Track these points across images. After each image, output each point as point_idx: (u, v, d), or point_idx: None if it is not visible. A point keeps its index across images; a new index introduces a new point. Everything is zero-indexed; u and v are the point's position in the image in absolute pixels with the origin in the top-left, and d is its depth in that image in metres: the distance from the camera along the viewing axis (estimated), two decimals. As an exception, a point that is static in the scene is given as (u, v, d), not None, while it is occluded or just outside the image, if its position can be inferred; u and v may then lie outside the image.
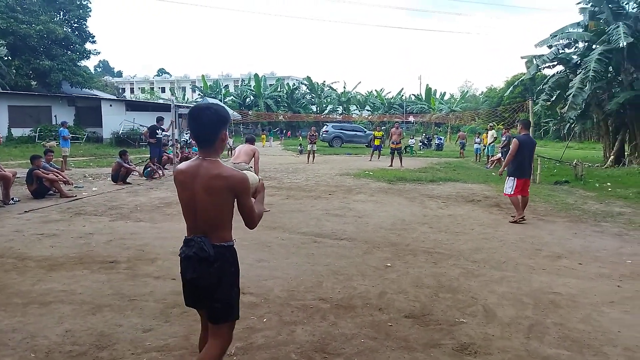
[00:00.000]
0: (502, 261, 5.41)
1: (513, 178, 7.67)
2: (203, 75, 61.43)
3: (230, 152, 23.49)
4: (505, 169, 8.00)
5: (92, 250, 5.56)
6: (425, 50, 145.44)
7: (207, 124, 2.37)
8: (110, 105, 29.92)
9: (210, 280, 2.35)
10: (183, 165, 2.48)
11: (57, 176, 9.62)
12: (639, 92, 15.19)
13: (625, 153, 17.39)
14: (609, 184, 12.53)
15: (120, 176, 11.69)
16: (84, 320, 3.64)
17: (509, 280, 4.74)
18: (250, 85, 58.83)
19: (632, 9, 16.70)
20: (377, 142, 21.51)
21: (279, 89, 58.57)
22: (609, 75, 17.27)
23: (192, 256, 2.35)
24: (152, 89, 78.51)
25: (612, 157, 17.56)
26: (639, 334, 3.50)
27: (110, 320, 3.63)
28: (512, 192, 7.69)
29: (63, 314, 3.74)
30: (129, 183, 11.75)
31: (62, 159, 14.32)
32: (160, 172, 13.39)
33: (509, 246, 6.11)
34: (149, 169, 13.05)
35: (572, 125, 35.26)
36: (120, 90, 76.44)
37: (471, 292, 4.36)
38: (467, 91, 68.50)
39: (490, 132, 20.17)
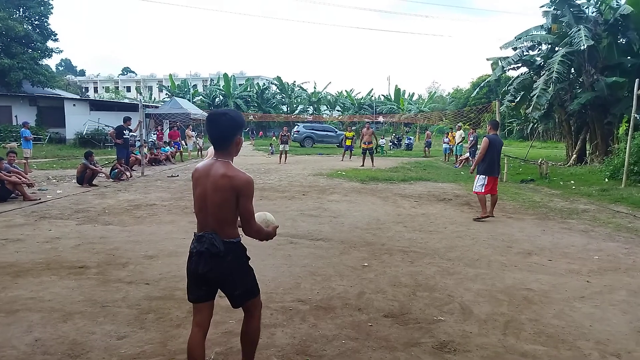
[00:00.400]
0: (475, 259, 5.51)
1: (484, 176, 7.87)
2: (170, 75, 60.31)
3: (199, 152, 23.20)
4: (475, 167, 8.15)
5: (59, 256, 5.35)
6: (394, 52, 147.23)
7: (224, 129, 2.54)
8: (74, 105, 28.97)
9: (222, 272, 2.53)
10: (200, 164, 2.64)
11: (20, 178, 9.24)
12: (599, 94, 15.76)
13: (587, 152, 18.02)
14: (572, 181, 12.97)
15: (86, 178, 11.33)
16: (55, 328, 3.49)
17: (483, 277, 4.83)
18: (219, 85, 58.10)
19: (592, 13, 17.33)
20: (348, 142, 21.60)
21: (248, 89, 58.08)
22: (571, 76, 17.86)
23: (204, 251, 2.48)
24: (117, 88, 76.53)
25: (574, 155, 18.18)
26: (609, 328, 3.62)
27: (82, 328, 3.50)
28: (483, 190, 7.88)
29: (32, 322, 3.58)
30: (95, 185, 11.40)
31: (24, 161, 13.79)
32: (128, 173, 13.06)
33: (482, 244, 6.23)
34: (116, 170, 12.70)
35: (536, 125, 36.50)
36: (84, 90, 74.24)
37: (447, 290, 4.42)
38: (435, 92, 69.71)
39: (458, 132, 20.58)
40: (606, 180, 12.80)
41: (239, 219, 2.58)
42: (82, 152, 13.68)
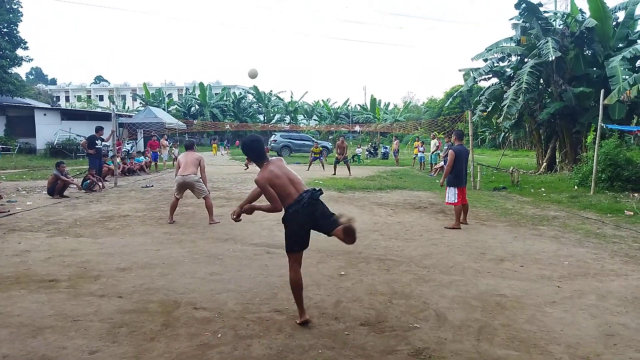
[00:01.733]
0: (450, 266, 5.59)
1: (454, 187, 8.01)
2: (145, 83, 59.56)
3: (174, 161, 22.87)
4: (445, 179, 8.27)
5: (29, 269, 5.20)
6: (370, 62, 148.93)
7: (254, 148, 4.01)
8: (45, 114, 28.28)
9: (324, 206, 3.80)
10: (266, 172, 3.81)
11: (-13, 190, 8.95)
12: (567, 103, 16.26)
13: (557, 160, 18.54)
14: (543, 189, 13.31)
15: (57, 189, 11.04)
16: (24, 344, 3.39)
17: (458, 284, 4.90)
18: (195, 94, 57.67)
19: (559, 25, 17.93)
20: (316, 155, 21.84)
21: (225, 98, 57.78)
22: (540, 87, 18.39)
23: (317, 197, 3.73)
24: (89, 97, 75.20)
25: (544, 164, 18.66)
26: (579, 332, 3.72)
27: (52, 343, 3.41)
28: (456, 201, 8.00)
29: (0, 338, 3.46)
30: (66, 196, 11.13)
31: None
32: (100, 184, 12.80)
33: (456, 251, 6.33)
34: (88, 181, 12.43)
35: (507, 134, 37.44)
36: (55, 99, 72.66)
37: (423, 297, 4.47)
38: (410, 102, 70.69)
39: (432, 141, 20.93)
40: (575, 187, 13.19)
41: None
42: (53, 162, 13.36)
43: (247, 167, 20.32)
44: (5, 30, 31.06)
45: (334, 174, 17.86)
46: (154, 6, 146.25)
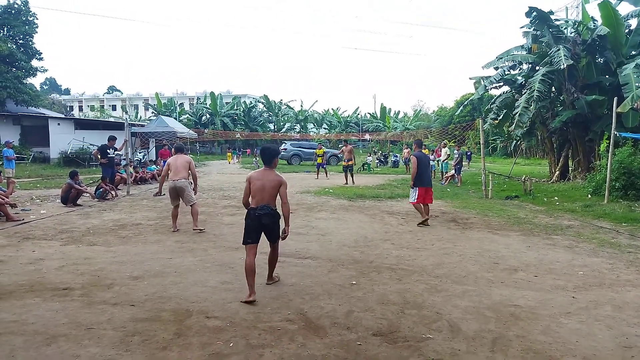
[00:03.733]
0: (462, 275, 5.54)
1: (415, 188, 8.99)
2: (157, 93, 60.26)
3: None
4: (413, 181, 9.12)
5: (43, 277, 5.26)
6: (379, 71, 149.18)
7: (270, 155, 4.98)
8: (58, 124, 28.70)
9: (272, 222, 4.78)
10: (254, 172, 4.97)
11: (3, 199, 9.08)
12: (580, 111, 16.12)
13: (570, 168, 18.35)
14: (556, 198, 13.16)
15: (70, 198, 11.17)
16: (38, 352, 3.42)
17: (471, 294, 4.85)
18: (206, 104, 58.23)
19: (571, 33, 17.83)
20: (319, 160, 21.20)
21: (235, 107, 58.23)
22: (552, 95, 18.26)
23: (267, 212, 4.72)
24: (102, 106, 76.17)
25: (557, 172, 18.47)
26: (595, 343, 3.66)
27: (66, 351, 3.43)
28: (415, 200, 8.99)
29: (14, 346, 3.50)
30: (79, 205, 11.25)
31: (6, 181, 13.57)
32: (113, 192, 12.92)
33: (468, 260, 6.27)
34: (101, 189, 12.56)
35: (519, 143, 37.13)
36: (69, 109, 73.69)
37: (436, 308, 4.43)
38: (420, 110, 70.65)
39: (443, 150, 20.83)
40: (589, 196, 13.03)
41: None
42: (66, 171, 13.53)
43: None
44: (21, 41, 31.73)
45: (346, 182, 17.70)
46: (166, 18, 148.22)
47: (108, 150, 13.48)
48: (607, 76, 16.83)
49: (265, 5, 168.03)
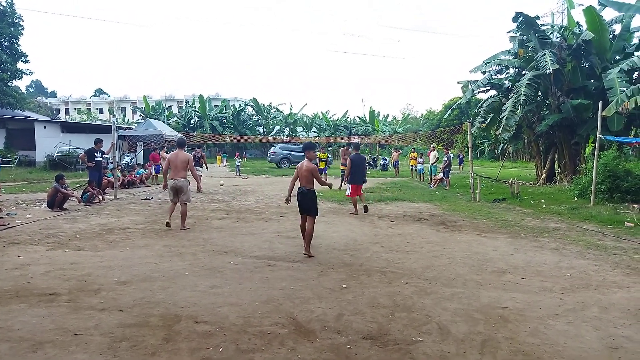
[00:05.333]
0: (451, 278, 5.57)
1: (349, 185, 10.99)
2: (145, 96, 59.86)
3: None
4: (347, 179, 11.13)
5: (29, 283, 5.18)
6: (368, 74, 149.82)
7: (304, 147, 7.25)
8: (44, 127, 28.37)
9: (309, 200, 6.72)
10: (300, 163, 6.89)
11: (-14, 203, 8.93)
12: (566, 115, 16.36)
13: (556, 171, 18.58)
14: (542, 200, 13.31)
15: (56, 202, 11.03)
16: (24, 358, 3.36)
17: (460, 296, 4.88)
18: (194, 107, 57.93)
19: (556, 38, 18.09)
20: (322, 165, 19.23)
21: (224, 111, 58.05)
22: (539, 99, 18.50)
23: (305, 192, 6.71)
24: (89, 109, 75.43)
25: (544, 175, 18.71)
26: (582, 345, 3.70)
27: (53, 358, 3.38)
28: (350, 194, 10.95)
29: (0, 353, 3.44)
30: (66, 209, 11.11)
31: (-8, 185, 13.35)
32: (100, 196, 12.77)
33: (457, 263, 6.31)
34: (87, 193, 12.42)
35: (506, 146, 37.48)
36: (55, 112, 72.87)
37: (425, 310, 4.45)
38: (409, 113, 71.05)
39: (432, 153, 20.97)
40: (575, 199, 13.20)
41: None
42: (52, 175, 13.35)
43: (239, 175, 20.33)
44: (6, 43, 31.31)
45: (341, 187, 17.31)
46: (155, 20, 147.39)
47: (95, 154, 13.35)
48: (592, 80, 17.12)
49: (256, 8, 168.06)
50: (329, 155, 22.70)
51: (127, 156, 26.65)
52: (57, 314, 4.23)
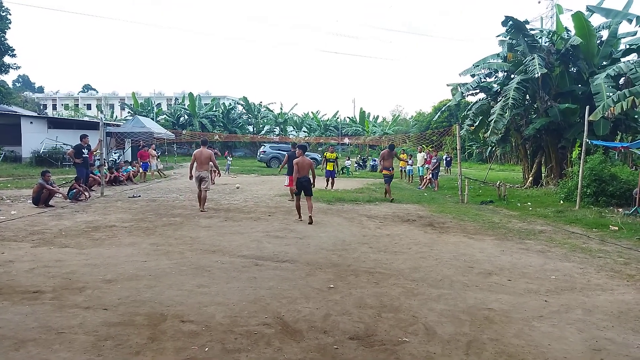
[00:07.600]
0: (438, 279, 5.61)
1: (287, 176, 12.88)
2: (133, 93, 59.30)
3: (160, 172, 22.45)
4: (283, 169, 13.52)
5: (12, 280, 5.10)
6: (359, 75, 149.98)
7: (304, 149, 10.14)
8: (31, 122, 27.93)
9: (308, 183, 9.66)
10: (297, 159, 9.78)
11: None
12: (553, 119, 16.52)
13: (543, 174, 18.77)
14: (529, 203, 13.44)
15: (42, 198, 10.89)
16: (6, 357, 3.31)
17: (446, 297, 4.91)
18: (184, 104, 57.49)
19: (545, 42, 18.29)
20: (330, 167, 17.50)
21: (214, 109, 57.67)
22: (527, 102, 18.66)
23: (306, 179, 9.62)
24: (76, 105, 74.49)
25: (530, 178, 18.88)
26: (566, 346, 3.74)
27: (36, 356, 3.33)
28: (288, 184, 12.73)
29: (-21, 352, 3.38)
30: (51, 206, 10.97)
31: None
32: (86, 193, 12.64)
33: (444, 264, 6.35)
34: (74, 190, 12.27)
35: (494, 149, 37.86)
36: (42, 107, 71.94)
37: (412, 311, 4.47)
38: (399, 115, 71.32)
39: (419, 155, 21.09)
40: (561, 202, 13.35)
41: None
42: (38, 171, 13.17)
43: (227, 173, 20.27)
44: (-8, 37, 30.81)
45: (327, 186, 17.25)
46: (143, 16, 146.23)
47: (83, 150, 13.20)
48: (579, 85, 17.32)
49: (246, 6, 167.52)
50: (338, 155, 21.51)
51: (115, 153, 26.40)
52: (40, 312, 4.17)
